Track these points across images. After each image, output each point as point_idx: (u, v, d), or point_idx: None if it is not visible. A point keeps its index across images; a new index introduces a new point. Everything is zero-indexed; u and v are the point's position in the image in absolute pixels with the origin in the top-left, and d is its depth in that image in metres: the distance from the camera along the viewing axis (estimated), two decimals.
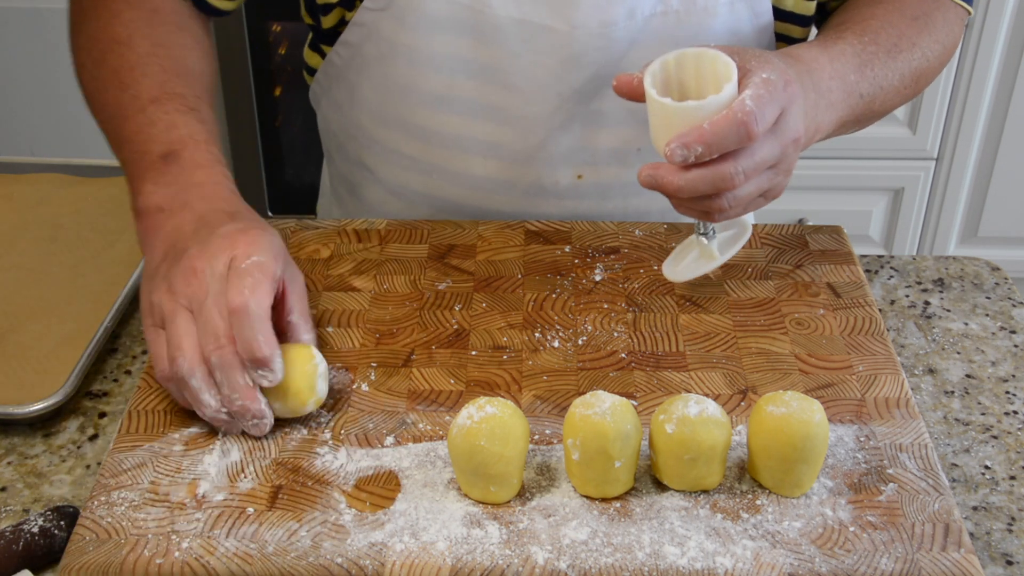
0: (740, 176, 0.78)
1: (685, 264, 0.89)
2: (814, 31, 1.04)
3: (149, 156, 0.85)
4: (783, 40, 1.04)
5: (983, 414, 0.86)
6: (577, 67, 0.95)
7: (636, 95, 0.82)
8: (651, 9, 0.94)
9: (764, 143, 0.79)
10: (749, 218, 0.91)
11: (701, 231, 0.88)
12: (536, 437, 0.77)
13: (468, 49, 0.95)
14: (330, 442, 0.77)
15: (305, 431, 0.78)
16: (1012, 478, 0.80)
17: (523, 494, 0.73)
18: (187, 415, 0.79)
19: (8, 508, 0.77)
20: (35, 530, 0.72)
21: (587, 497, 0.73)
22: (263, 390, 0.76)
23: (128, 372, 0.90)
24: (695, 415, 0.71)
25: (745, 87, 0.78)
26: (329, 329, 0.87)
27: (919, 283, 1.00)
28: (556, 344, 0.86)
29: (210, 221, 0.80)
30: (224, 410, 0.75)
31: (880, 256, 1.04)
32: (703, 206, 0.81)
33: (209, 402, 0.75)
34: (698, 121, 0.77)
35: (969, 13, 1.01)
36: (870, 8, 0.96)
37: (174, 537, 0.70)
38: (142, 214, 0.84)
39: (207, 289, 0.75)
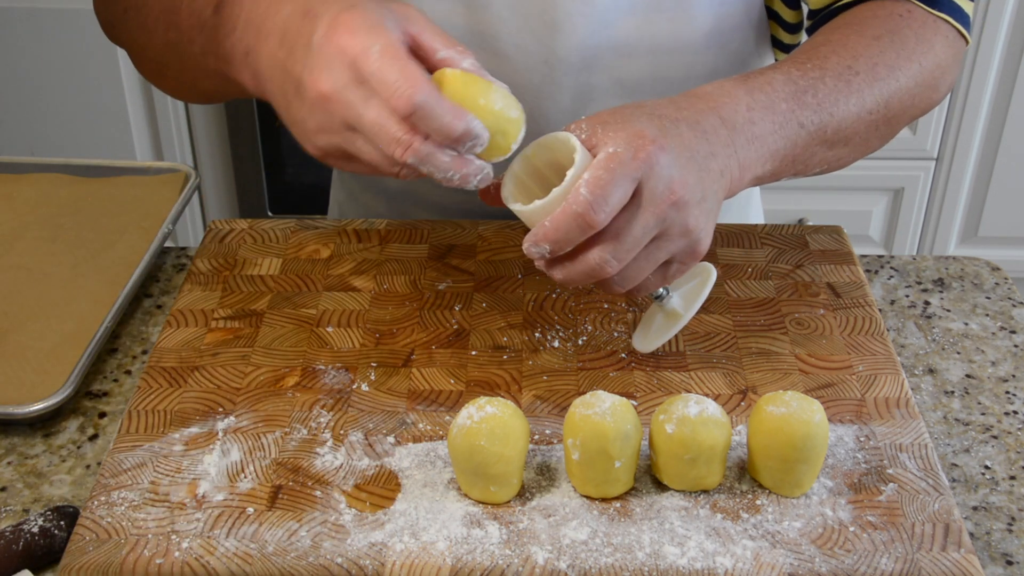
0: (611, 263, 0.73)
1: (653, 331, 0.84)
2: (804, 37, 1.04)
3: (207, 21, 0.82)
4: (778, 47, 1.04)
5: (983, 414, 0.86)
6: (561, 33, 0.95)
7: (499, 202, 0.78)
8: None
9: (631, 220, 0.72)
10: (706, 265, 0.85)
11: (654, 295, 0.82)
12: (536, 437, 0.77)
13: (459, 15, 0.95)
14: (330, 442, 0.77)
15: (305, 431, 0.78)
16: (1012, 478, 0.80)
17: (523, 494, 0.73)
18: (187, 415, 0.79)
19: (8, 508, 0.77)
20: (35, 530, 0.72)
21: (587, 497, 0.73)
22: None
23: (128, 372, 0.90)
24: (695, 415, 0.71)
25: (587, 169, 0.72)
26: (329, 329, 0.87)
27: (919, 283, 1.00)
28: (556, 344, 0.86)
29: (295, 32, 0.73)
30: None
31: (880, 256, 1.04)
32: (604, 290, 0.77)
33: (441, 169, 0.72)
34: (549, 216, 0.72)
35: (962, 35, 0.94)
36: (826, 34, 0.91)
37: (174, 537, 0.70)
38: (240, 71, 0.80)
39: (354, 106, 0.70)
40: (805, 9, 1.02)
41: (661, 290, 0.81)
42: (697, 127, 0.77)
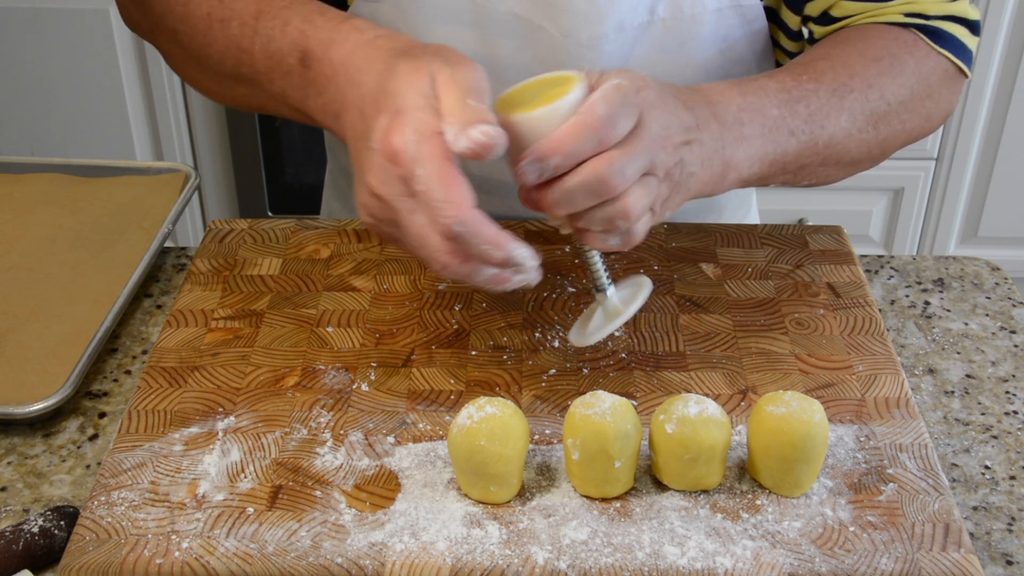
0: (619, 176, 0.71)
1: (593, 326, 0.82)
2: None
3: (293, 71, 0.81)
4: (780, 50, 1.04)
5: (983, 414, 0.86)
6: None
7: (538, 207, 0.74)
8: (639, 20, 0.94)
9: (630, 146, 0.72)
10: (642, 278, 0.84)
11: (597, 286, 0.81)
12: (536, 437, 0.77)
13: (469, 42, 0.95)
14: (330, 442, 0.77)
15: (305, 431, 0.78)
16: (1012, 478, 0.80)
17: (523, 494, 0.73)
18: (187, 415, 0.79)
19: (8, 508, 0.77)
20: (35, 530, 0.72)
21: (587, 497, 0.73)
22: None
23: (128, 372, 0.90)
24: (695, 415, 0.71)
25: (597, 92, 0.72)
26: (329, 329, 0.87)
27: (919, 283, 1.00)
28: (556, 344, 0.86)
29: (369, 114, 0.73)
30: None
31: (880, 256, 1.04)
32: (597, 220, 0.74)
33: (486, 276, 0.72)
34: (551, 130, 0.71)
35: (961, 70, 0.94)
36: (827, 48, 0.91)
37: (174, 537, 0.70)
38: (334, 127, 0.80)
39: (401, 214, 0.70)
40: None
41: (604, 281, 0.81)
42: (691, 111, 0.78)
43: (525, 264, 0.71)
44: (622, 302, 0.81)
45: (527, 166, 0.71)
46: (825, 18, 0.96)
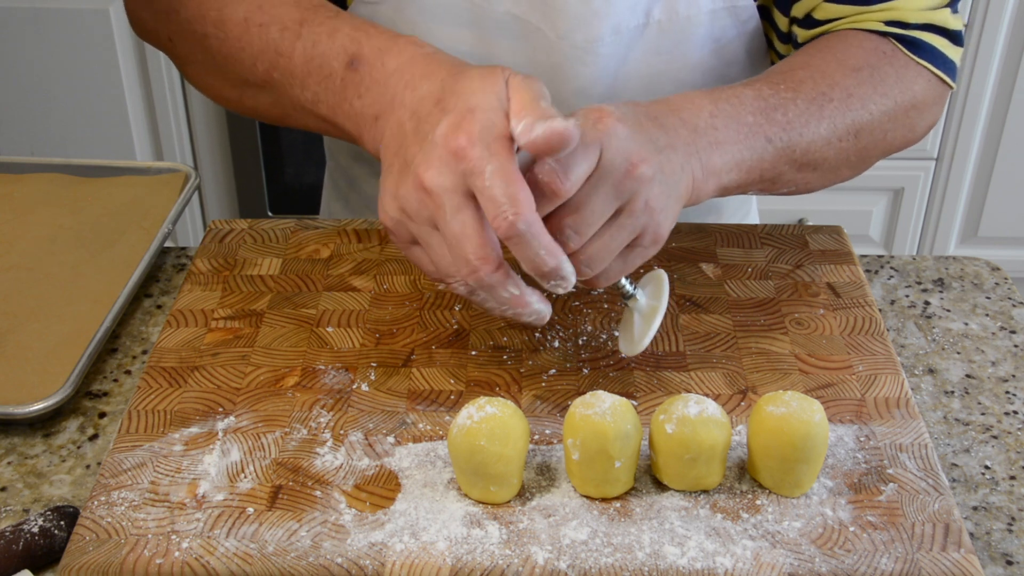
0: (573, 236, 0.72)
1: (638, 332, 0.82)
2: None
3: (335, 74, 0.82)
4: (774, 51, 1.04)
5: (983, 414, 0.86)
6: (562, 77, 0.95)
7: None
8: (636, 23, 0.94)
9: (591, 192, 0.72)
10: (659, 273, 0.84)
11: (624, 295, 0.81)
12: (536, 437, 0.77)
13: (467, 42, 0.95)
14: (330, 442, 0.77)
15: (305, 431, 0.78)
16: (1012, 478, 0.80)
17: (523, 494, 0.73)
18: (187, 415, 0.79)
19: (8, 508, 0.77)
20: (35, 530, 0.72)
21: (587, 497, 0.73)
22: None
23: (128, 372, 0.90)
24: (695, 415, 0.71)
25: None
26: (329, 329, 0.87)
27: (919, 283, 1.01)
28: (556, 344, 0.86)
29: (424, 115, 0.74)
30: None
31: (880, 256, 1.04)
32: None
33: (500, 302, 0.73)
34: None
35: (944, 82, 0.94)
36: (806, 57, 0.91)
37: (174, 537, 0.70)
38: (365, 132, 0.80)
39: (444, 210, 0.70)
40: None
41: (629, 288, 0.81)
42: (656, 121, 0.78)
43: (569, 279, 0.71)
44: (652, 298, 0.81)
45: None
46: (809, 21, 0.96)
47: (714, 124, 0.81)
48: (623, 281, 0.80)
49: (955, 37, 0.94)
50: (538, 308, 0.73)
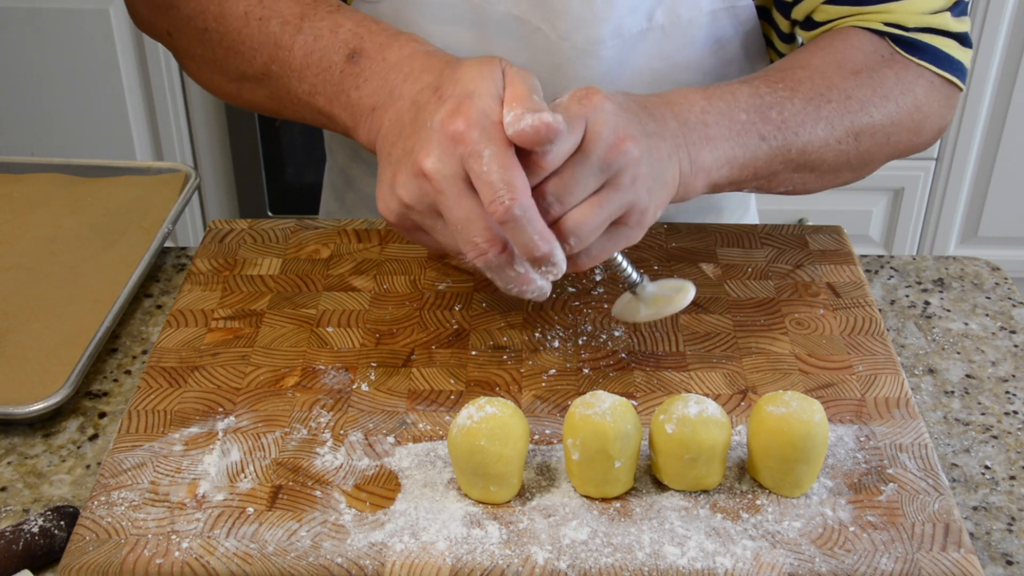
0: (555, 204, 0.72)
1: (639, 313, 0.82)
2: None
3: (334, 66, 0.82)
4: (773, 51, 1.04)
5: (983, 414, 0.86)
6: (563, 78, 0.95)
7: None
8: (638, 26, 0.94)
9: (576, 162, 0.72)
10: (684, 282, 0.84)
11: (629, 284, 0.81)
12: (536, 437, 0.77)
13: (467, 42, 0.95)
14: (330, 442, 0.77)
15: (305, 431, 0.78)
16: (1012, 478, 0.80)
17: (523, 494, 0.73)
18: (187, 415, 0.79)
19: (8, 508, 0.77)
20: (35, 530, 0.72)
21: (587, 497, 0.73)
22: None
23: (128, 372, 0.90)
24: (695, 415, 0.71)
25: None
26: (329, 329, 0.87)
27: (919, 283, 1.00)
28: (556, 344, 0.86)
29: (423, 104, 0.74)
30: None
31: (880, 256, 1.04)
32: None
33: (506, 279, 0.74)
34: None
35: (953, 84, 0.93)
36: (805, 57, 0.90)
37: (174, 537, 0.70)
38: (360, 123, 0.81)
39: (447, 196, 0.70)
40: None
41: (635, 276, 0.81)
42: (646, 110, 0.78)
43: (560, 266, 0.72)
44: (664, 291, 0.82)
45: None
46: (809, 23, 0.96)
47: (705, 120, 0.81)
48: (628, 269, 0.80)
49: (960, 38, 0.94)
50: (541, 285, 0.74)
